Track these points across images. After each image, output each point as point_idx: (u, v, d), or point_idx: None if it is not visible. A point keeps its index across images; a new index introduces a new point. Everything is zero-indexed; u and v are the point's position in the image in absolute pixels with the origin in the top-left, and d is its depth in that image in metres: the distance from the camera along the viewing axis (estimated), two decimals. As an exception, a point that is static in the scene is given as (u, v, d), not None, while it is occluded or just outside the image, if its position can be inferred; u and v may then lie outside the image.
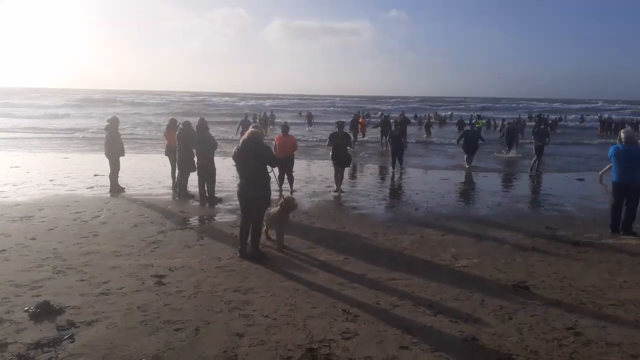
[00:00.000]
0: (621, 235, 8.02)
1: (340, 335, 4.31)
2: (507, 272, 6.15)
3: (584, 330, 4.52)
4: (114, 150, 11.04)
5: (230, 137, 24.81)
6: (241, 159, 6.37)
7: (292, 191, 11.34)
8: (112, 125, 11.06)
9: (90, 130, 29.16)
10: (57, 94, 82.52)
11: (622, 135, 8.15)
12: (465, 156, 16.82)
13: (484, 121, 37.17)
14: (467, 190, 12.60)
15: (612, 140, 22.49)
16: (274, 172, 6.98)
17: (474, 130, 17.45)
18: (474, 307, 5.03)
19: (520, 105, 77.33)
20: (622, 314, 4.91)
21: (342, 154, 11.42)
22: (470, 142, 16.58)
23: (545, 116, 41.97)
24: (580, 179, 14.71)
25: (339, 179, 11.57)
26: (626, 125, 33.91)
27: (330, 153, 11.72)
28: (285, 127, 11.76)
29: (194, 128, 10.44)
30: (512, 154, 20.64)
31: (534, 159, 15.86)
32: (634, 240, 7.76)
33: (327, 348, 4.08)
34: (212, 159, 10.14)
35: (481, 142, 16.87)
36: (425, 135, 31.05)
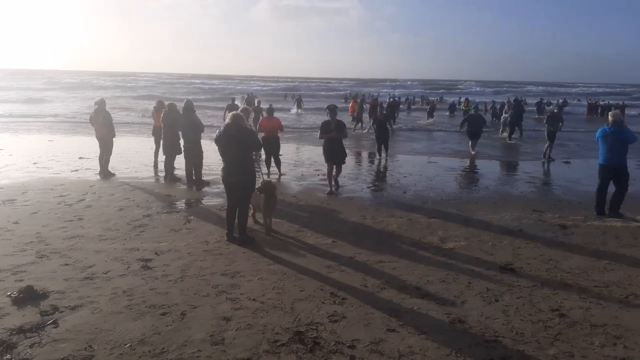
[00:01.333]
0: (607, 217, 8.10)
1: (327, 319, 4.30)
2: (493, 255, 6.18)
3: (569, 311, 4.57)
4: (109, 131, 10.85)
5: (216, 123, 24.54)
6: (223, 143, 6.27)
7: (280, 174, 11.28)
8: (101, 107, 10.86)
9: (67, 115, 28.72)
10: (37, 75, 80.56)
11: (610, 117, 8.21)
12: (470, 142, 16.26)
13: (472, 106, 36.77)
14: (455, 174, 12.62)
15: (594, 127, 22.55)
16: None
17: (478, 115, 16.77)
18: (460, 289, 5.05)
19: (524, 88, 76.68)
20: (607, 295, 4.97)
21: (335, 148, 9.47)
22: (475, 126, 15.99)
23: (543, 100, 41.83)
24: (567, 162, 14.82)
25: (332, 176, 9.76)
26: (612, 108, 34.14)
27: (323, 146, 9.70)
28: (270, 110, 11.74)
29: (180, 110, 10.30)
30: (506, 137, 20.61)
31: (546, 144, 15.26)
32: (619, 222, 7.84)
33: (315, 331, 4.07)
34: (199, 142, 10.01)
35: (485, 128, 16.42)
36: (427, 119, 29.88)
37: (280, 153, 11.68)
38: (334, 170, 9.72)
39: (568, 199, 9.71)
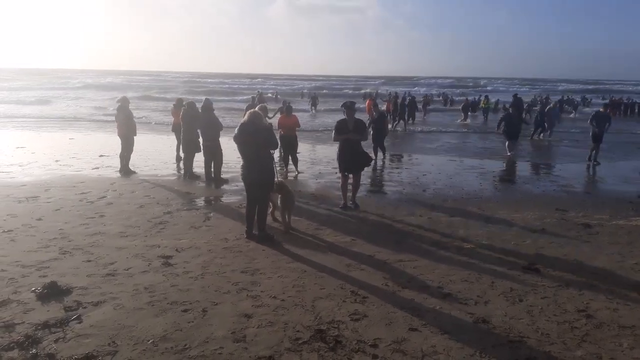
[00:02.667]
0: None
1: (349, 317, 4.27)
2: (516, 254, 6.08)
3: (595, 312, 4.47)
4: (130, 129, 10.96)
5: (233, 123, 24.49)
6: (241, 141, 6.28)
7: (297, 172, 11.27)
8: (124, 105, 10.99)
9: (84, 114, 29.08)
10: (51, 74, 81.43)
11: None
12: (507, 142, 14.94)
13: (492, 102, 35.73)
14: (475, 172, 12.46)
15: (616, 126, 21.96)
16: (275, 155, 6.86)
17: (516, 114, 15.41)
18: (483, 289, 4.97)
19: (560, 87, 74.13)
20: (635, 296, 4.84)
21: (353, 154, 7.91)
22: (512, 126, 14.72)
23: (567, 97, 40.71)
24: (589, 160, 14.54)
25: (350, 187, 8.27)
26: (637, 106, 33.16)
27: (337, 151, 8.12)
28: (288, 108, 11.77)
29: (199, 109, 10.37)
30: (545, 136, 19.98)
31: (591, 147, 14.16)
32: (645, 222, 7.66)
33: (336, 329, 4.04)
34: (218, 140, 10.06)
35: (525, 124, 15.35)
36: (462, 120, 28.65)
37: (297, 151, 11.68)
38: (351, 183, 8.23)
39: (592, 198, 9.52)
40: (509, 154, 14.71)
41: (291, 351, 3.70)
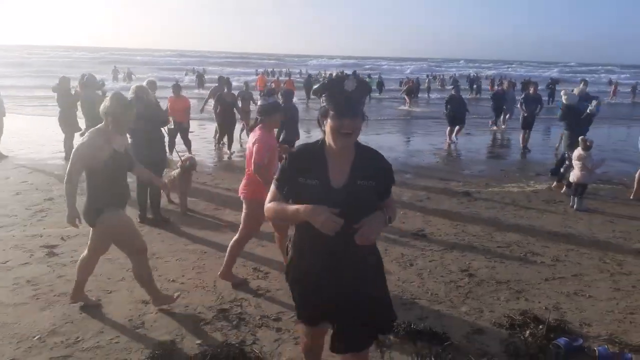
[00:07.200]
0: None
1: (251, 294, 4.30)
2: (405, 222, 6.47)
3: (476, 271, 4.92)
4: None
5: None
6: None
7: (191, 155, 10.90)
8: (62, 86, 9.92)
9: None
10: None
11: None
12: (448, 128, 13.61)
13: (376, 80, 32.03)
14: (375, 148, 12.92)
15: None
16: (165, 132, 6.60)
17: (460, 96, 13.85)
18: (378, 256, 5.24)
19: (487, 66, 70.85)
20: (508, 254, 5.41)
21: (341, 273, 2.32)
22: (458, 110, 13.32)
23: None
24: (468, 134, 15.73)
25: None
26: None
27: (290, 253, 2.51)
28: (176, 87, 10.33)
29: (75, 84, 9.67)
30: (500, 125, 16.69)
31: (523, 134, 12.55)
32: (515, 187, 8.53)
33: (239, 307, 4.05)
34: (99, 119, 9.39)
35: (467, 112, 13.85)
36: (407, 105, 24.73)
37: (191, 130, 11.28)
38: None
39: (471, 168, 10.38)
40: (447, 140, 13.57)
41: (193, 334, 3.64)
